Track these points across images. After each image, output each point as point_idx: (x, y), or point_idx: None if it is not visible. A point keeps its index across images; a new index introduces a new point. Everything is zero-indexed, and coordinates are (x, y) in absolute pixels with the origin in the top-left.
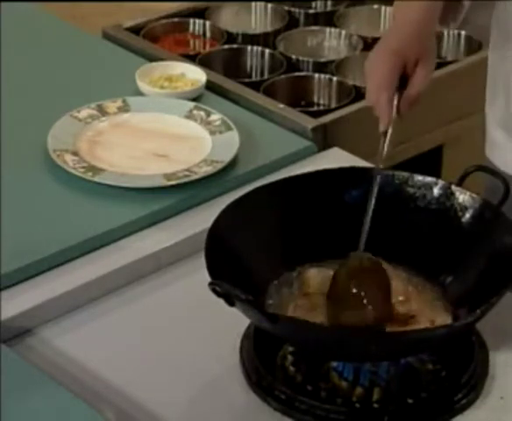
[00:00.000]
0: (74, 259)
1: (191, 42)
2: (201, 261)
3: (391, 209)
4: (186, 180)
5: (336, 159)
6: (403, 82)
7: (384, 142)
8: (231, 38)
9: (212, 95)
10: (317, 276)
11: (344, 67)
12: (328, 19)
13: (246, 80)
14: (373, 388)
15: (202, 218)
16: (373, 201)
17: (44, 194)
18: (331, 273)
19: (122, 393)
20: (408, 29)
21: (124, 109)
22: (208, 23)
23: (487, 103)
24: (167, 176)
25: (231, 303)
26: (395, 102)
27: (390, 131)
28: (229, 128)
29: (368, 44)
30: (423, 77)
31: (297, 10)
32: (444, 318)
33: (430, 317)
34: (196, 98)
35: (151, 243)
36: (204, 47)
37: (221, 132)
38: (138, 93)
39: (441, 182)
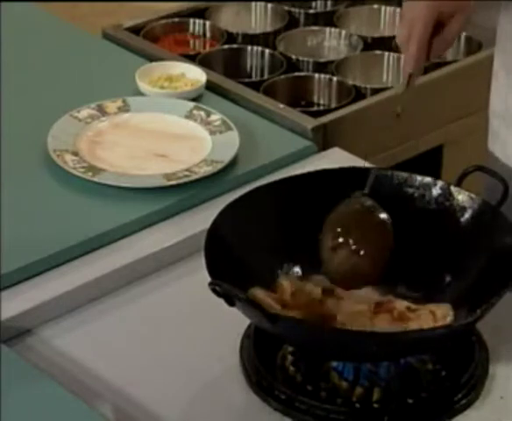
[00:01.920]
0: (74, 259)
1: (191, 42)
2: (201, 261)
3: (390, 209)
4: (186, 180)
5: (336, 159)
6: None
7: (408, 85)
8: (231, 38)
9: (212, 95)
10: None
11: (344, 67)
12: (328, 19)
13: (246, 80)
14: (373, 388)
15: (202, 218)
16: None
17: (44, 194)
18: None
19: (122, 393)
20: None
21: (124, 109)
22: (208, 23)
23: (491, 94)
24: (167, 176)
25: (231, 303)
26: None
27: (416, 76)
28: (229, 128)
29: (368, 44)
30: (455, 30)
31: (297, 10)
32: (444, 310)
33: (430, 308)
34: (196, 98)
35: (151, 243)
36: (204, 47)
37: (221, 132)
38: (138, 93)
39: (440, 183)
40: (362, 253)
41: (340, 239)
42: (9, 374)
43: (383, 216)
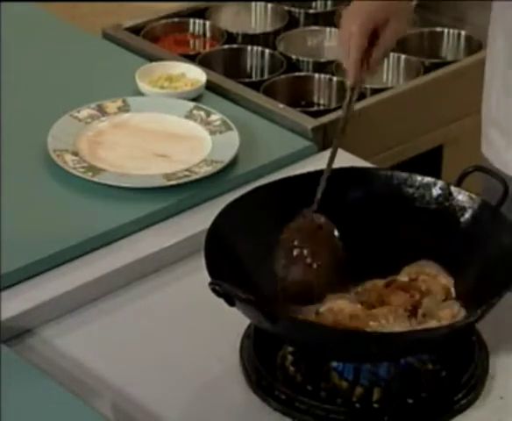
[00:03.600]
0: (74, 259)
1: (191, 42)
2: (201, 261)
3: (389, 209)
4: (186, 180)
5: (336, 159)
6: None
7: (350, 99)
8: (231, 38)
9: (212, 95)
10: None
11: (344, 67)
12: (328, 19)
13: (246, 80)
14: (373, 388)
15: (202, 218)
16: (331, 163)
17: (44, 194)
18: None
19: (122, 393)
20: None
21: (124, 109)
22: (208, 23)
23: (483, 101)
24: (167, 176)
25: (231, 303)
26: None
27: (358, 88)
28: (229, 128)
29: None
30: (390, 37)
31: (297, 10)
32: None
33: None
34: (196, 98)
35: (151, 243)
36: (204, 47)
37: (221, 132)
38: (138, 93)
39: (440, 183)
40: (315, 266)
41: (294, 255)
42: (9, 374)
43: (332, 230)
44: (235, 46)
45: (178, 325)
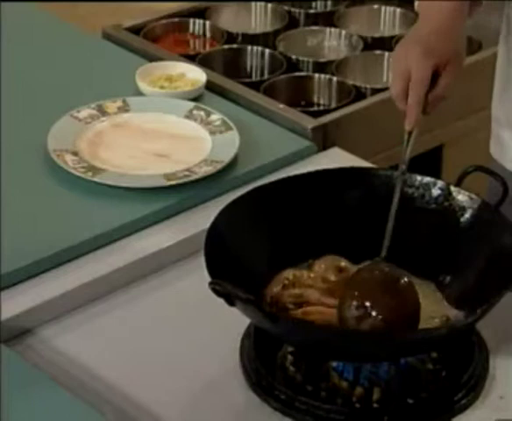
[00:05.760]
0: (74, 259)
1: (191, 42)
2: (201, 261)
3: (389, 209)
4: (186, 180)
5: (336, 159)
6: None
7: (408, 141)
8: (231, 38)
9: (212, 95)
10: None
11: (344, 67)
12: (328, 19)
13: (246, 80)
14: (373, 388)
15: (202, 218)
16: (396, 203)
17: (44, 194)
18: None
19: (122, 393)
20: (436, 26)
21: (124, 109)
22: (208, 23)
23: (494, 101)
24: (167, 176)
25: (231, 302)
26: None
27: (416, 130)
28: (229, 128)
29: (368, 44)
30: (450, 78)
31: (297, 10)
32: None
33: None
34: (196, 98)
35: (151, 243)
36: (204, 47)
37: (221, 132)
38: (138, 93)
39: (440, 183)
40: (384, 320)
41: (362, 311)
42: (9, 374)
43: (404, 280)
44: (235, 46)
45: (178, 325)
